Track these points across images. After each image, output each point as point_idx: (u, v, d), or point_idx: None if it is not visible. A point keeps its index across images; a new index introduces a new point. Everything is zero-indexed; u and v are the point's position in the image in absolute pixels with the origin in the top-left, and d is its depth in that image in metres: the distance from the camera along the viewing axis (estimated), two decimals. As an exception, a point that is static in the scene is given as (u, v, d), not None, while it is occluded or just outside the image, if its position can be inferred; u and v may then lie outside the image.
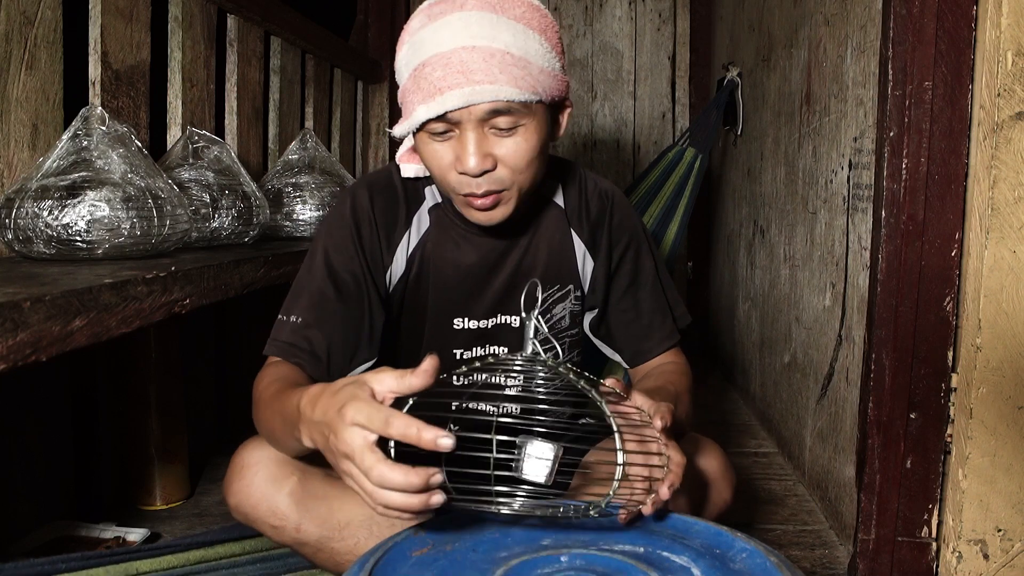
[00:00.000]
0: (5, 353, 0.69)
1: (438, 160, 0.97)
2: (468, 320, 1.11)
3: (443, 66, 0.90)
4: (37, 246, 1.03)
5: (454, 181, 0.97)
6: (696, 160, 2.51)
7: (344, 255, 1.05)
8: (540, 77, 0.94)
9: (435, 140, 0.95)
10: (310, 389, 0.79)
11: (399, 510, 0.69)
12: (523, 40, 0.92)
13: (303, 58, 2.17)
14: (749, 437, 2.16)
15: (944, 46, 1.15)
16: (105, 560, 1.21)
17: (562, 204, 1.15)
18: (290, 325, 1.02)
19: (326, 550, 0.99)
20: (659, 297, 1.18)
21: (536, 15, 0.95)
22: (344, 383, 0.75)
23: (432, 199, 1.12)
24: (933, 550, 1.25)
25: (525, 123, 0.94)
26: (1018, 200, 1.13)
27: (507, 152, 0.95)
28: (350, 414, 0.69)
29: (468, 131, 0.92)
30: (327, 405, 0.73)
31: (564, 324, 1.15)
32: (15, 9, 1.12)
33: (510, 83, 0.90)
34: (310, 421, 0.76)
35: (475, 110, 0.91)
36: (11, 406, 1.34)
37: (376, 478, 0.67)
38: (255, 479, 0.98)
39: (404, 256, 1.10)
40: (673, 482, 0.81)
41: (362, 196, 1.09)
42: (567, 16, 3.43)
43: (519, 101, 0.91)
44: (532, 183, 1.00)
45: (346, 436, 0.69)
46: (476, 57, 0.90)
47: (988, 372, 1.16)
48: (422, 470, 0.68)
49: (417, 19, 0.96)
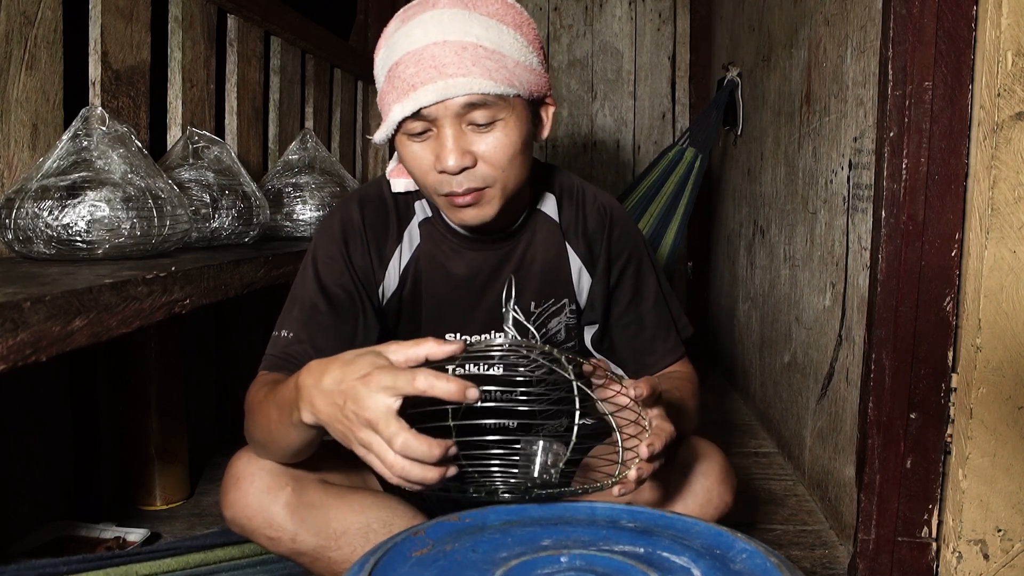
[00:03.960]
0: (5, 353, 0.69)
1: (418, 161, 0.95)
2: (461, 336, 1.10)
3: (415, 63, 0.90)
4: (37, 246, 1.03)
5: (435, 181, 0.95)
6: (696, 160, 2.51)
7: (335, 270, 1.05)
8: (516, 70, 0.92)
9: (414, 141, 0.94)
10: (309, 365, 0.79)
11: (415, 482, 0.71)
12: (496, 34, 0.91)
13: (303, 58, 2.17)
14: (749, 437, 2.16)
15: (944, 46, 1.15)
16: (105, 563, 1.21)
17: (556, 217, 1.12)
18: (283, 340, 1.02)
19: (323, 559, 0.98)
20: (662, 311, 1.16)
21: (510, 11, 0.94)
22: (357, 353, 0.75)
23: (423, 213, 1.10)
24: (933, 550, 1.25)
25: (504, 117, 0.93)
26: (1018, 200, 1.13)
27: (487, 148, 0.93)
28: (375, 379, 0.70)
29: (445, 127, 0.91)
30: (343, 373, 0.73)
31: (560, 338, 1.14)
32: (15, 9, 1.12)
33: (484, 75, 0.89)
34: (319, 391, 0.75)
35: (451, 105, 0.90)
36: (11, 406, 1.34)
37: (400, 446, 0.69)
38: (249, 490, 0.97)
39: (397, 271, 1.09)
40: (653, 442, 0.80)
41: (352, 211, 1.08)
42: (567, 16, 3.43)
43: (495, 94, 0.90)
44: (517, 181, 0.98)
45: (371, 403, 0.70)
46: (448, 51, 0.89)
47: (988, 372, 1.16)
48: (442, 441, 0.70)
49: (393, 23, 0.95)
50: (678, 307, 1.20)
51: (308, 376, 0.78)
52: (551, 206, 1.13)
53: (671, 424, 0.85)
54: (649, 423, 0.84)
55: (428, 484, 0.71)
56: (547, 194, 1.13)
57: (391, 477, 0.72)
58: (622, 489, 0.81)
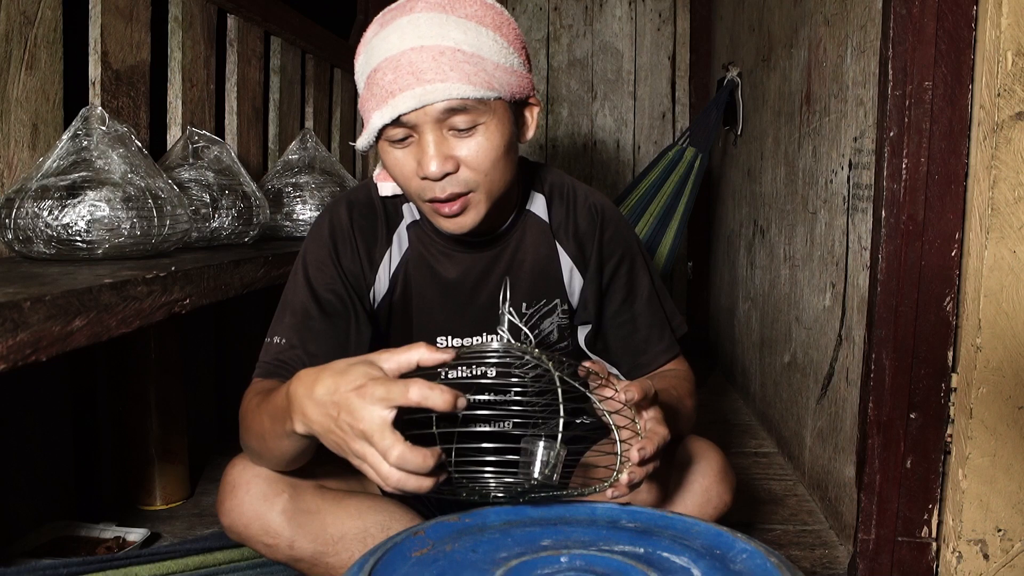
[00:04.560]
0: (5, 353, 0.69)
1: (400, 168, 0.95)
2: (452, 339, 1.09)
3: (393, 69, 0.89)
4: (37, 246, 1.03)
5: (417, 188, 0.95)
6: (696, 160, 2.51)
7: (325, 274, 1.04)
8: (496, 73, 0.92)
9: (396, 148, 0.94)
10: (300, 374, 0.79)
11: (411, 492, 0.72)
12: (474, 37, 0.91)
13: (303, 58, 2.17)
14: (749, 437, 2.16)
15: (944, 46, 1.15)
16: (105, 564, 1.21)
17: (546, 217, 1.12)
18: (276, 347, 1.01)
19: (321, 565, 0.98)
20: (656, 311, 1.16)
21: (489, 12, 0.94)
22: (349, 363, 0.75)
23: (411, 216, 1.10)
24: (933, 550, 1.25)
25: (485, 121, 0.92)
26: (1018, 200, 1.13)
27: (469, 153, 0.92)
28: (370, 391, 0.70)
29: (426, 133, 0.91)
30: (335, 384, 0.73)
31: (553, 339, 1.13)
32: (15, 9, 1.12)
33: (462, 80, 0.89)
34: (311, 401, 0.75)
35: (430, 111, 0.89)
36: (11, 406, 1.34)
37: (396, 459, 0.69)
38: (246, 498, 0.96)
39: (387, 275, 1.08)
40: (645, 446, 0.80)
41: (342, 214, 1.07)
42: (567, 16, 3.43)
43: (474, 98, 0.89)
44: (502, 185, 0.97)
45: (365, 414, 0.70)
46: (425, 56, 0.88)
47: (988, 372, 1.16)
48: (436, 450, 0.71)
49: (371, 28, 0.95)
50: (672, 306, 1.20)
51: (299, 385, 0.77)
52: (540, 206, 1.12)
53: (665, 427, 0.85)
54: (643, 426, 0.84)
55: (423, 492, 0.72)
56: (536, 194, 1.13)
57: (386, 487, 0.72)
58: (615, 492, 0.81)
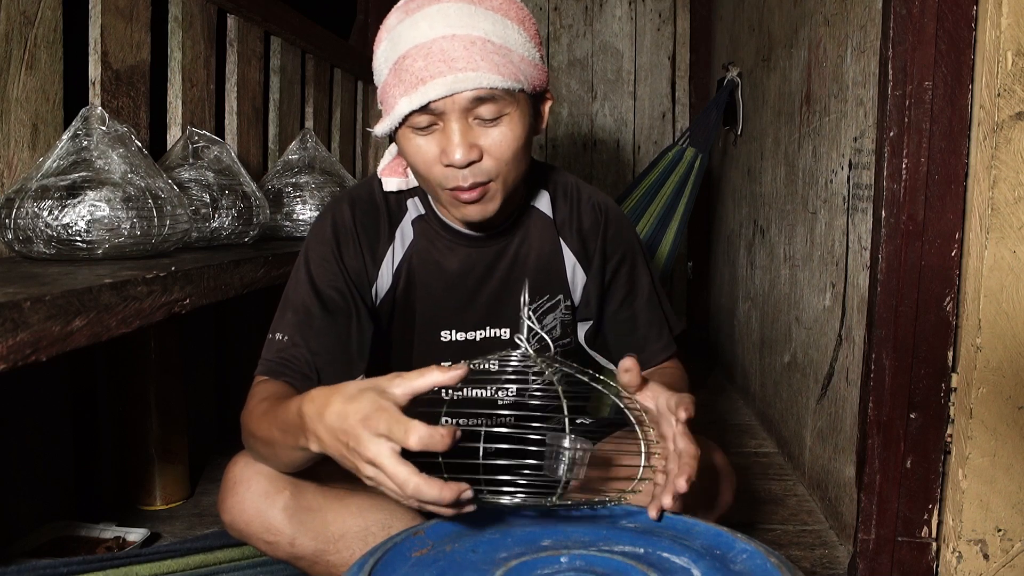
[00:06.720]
0: (5, 353, 0.69)
1: (422, 155, 0.95)
2: (456, 332, 1.10)
3: (424, 56, 0.89)
4: (37, 246, 1.02)
5: (439, 175, 0.95)
6: (696, 160, 2.51)
7: (327, 271, 1.04)
8: (521, 65, 0.93)
9: (418, 135, 0.94)
10: (311, 393, 0.79)
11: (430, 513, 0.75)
12: (502, 29, 0.92)
13: (303, 58, 2.17)
14: (749, 437, 2.16)
15: (944, 46, 1.15)
16: (106, 564, 1.21)
17: (550, 213, 1.13)
18: (277, 344, 1.01)
19: (322, 563, 0.98)
20: (655, 310, 1.18)
21: (513, 6, 0.95)
22: (359, 388, 0.75)
23: (415, 211, 1.10)
24: (933, 550, 1.25)
25: (509, 112, 0.93)
26: (1018, 200, 1.13)
27: (493, 142, 0.93)
28: (373, 424, 0.71)
29: (452, 121, 0.91)
30: (344, 412, 0.74)
31: (556, 334, 1.14)
32: (15, 9, 1.12)
33: (492, 70, 0.90)
34: (323, 426, 0.76)
35: (459, 99, 0.90)
36: (11, 406, 1.34)
37: (412, 492, 0.71)
38: (247, 495, 0.96)
39: (390, 270, 1.08)
40: (690, 475, 0.81)
41: (344, 211, 1.07)
42: (567, 16, 3.43)
43: (503, 88, 0.91)
44: (517, 176, 0.99)
45: (372, 447, 0.71)
46: (457, 45, 0.89)
47: (988, 372, 1.16)
48: (454, 485, 0.71)
49: (394, 15, 0.95)
50: (669, 305, 1.22)
51: (311, 405, 0.78)
52: (545, 202, 1.13)
53: (695, 444, 0.84)
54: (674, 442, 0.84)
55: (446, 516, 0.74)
56: (541, 190, 1.14)
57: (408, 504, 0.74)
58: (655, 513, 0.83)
